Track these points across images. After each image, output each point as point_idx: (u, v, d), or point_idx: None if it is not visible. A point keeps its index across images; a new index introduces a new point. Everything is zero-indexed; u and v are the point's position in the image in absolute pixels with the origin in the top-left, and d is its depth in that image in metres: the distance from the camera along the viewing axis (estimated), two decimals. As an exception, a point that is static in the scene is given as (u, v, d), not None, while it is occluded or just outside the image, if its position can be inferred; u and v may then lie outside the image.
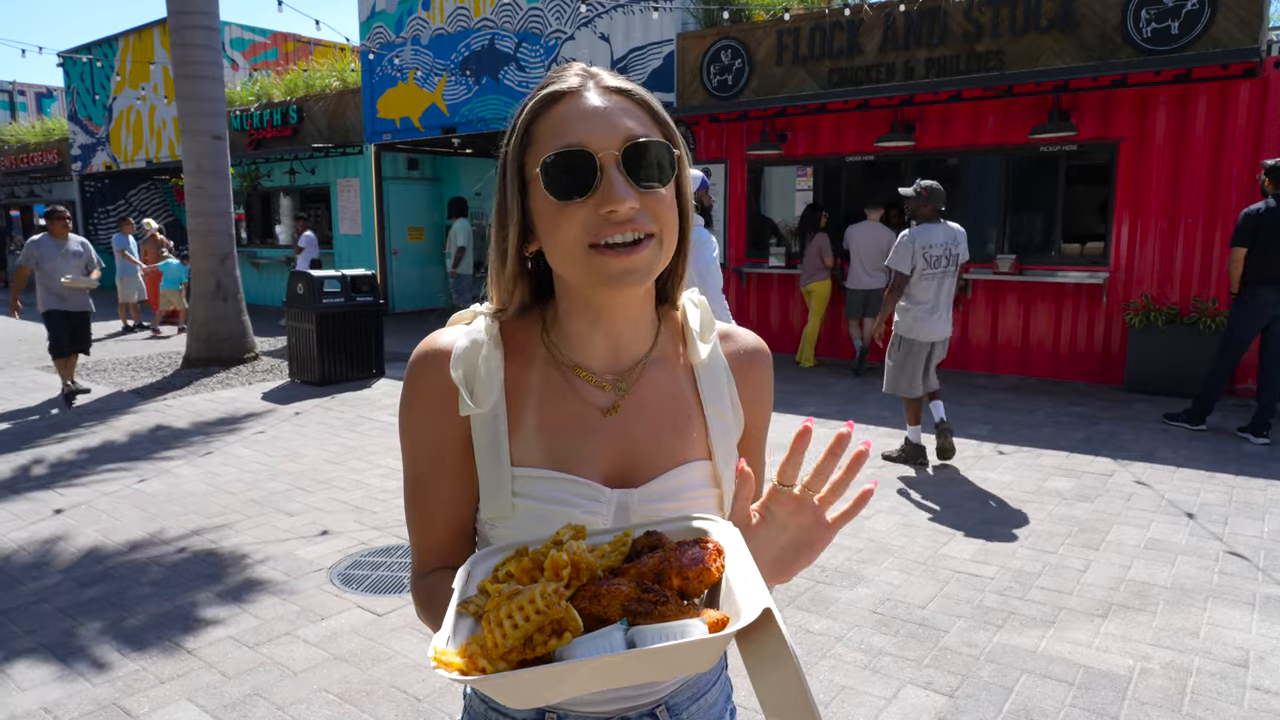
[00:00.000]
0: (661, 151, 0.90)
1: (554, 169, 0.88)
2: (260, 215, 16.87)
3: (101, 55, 18.38)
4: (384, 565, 4.08)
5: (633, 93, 0.93)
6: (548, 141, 0.90)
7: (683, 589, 0.75)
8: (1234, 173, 7.42)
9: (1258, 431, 6.04)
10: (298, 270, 8.82)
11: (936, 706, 2.84)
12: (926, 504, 4.89)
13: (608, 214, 0.87)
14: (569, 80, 0.93)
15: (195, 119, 9.54)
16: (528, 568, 0.75)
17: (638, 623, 0.70)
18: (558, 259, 0.92)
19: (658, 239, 0.91)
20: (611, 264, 0.88)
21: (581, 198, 0.88)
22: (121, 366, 9.77)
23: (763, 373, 1.10)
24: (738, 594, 0.73)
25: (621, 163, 0.88)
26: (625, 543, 0.81)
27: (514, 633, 0.66)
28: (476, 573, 0.81)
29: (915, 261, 5.39)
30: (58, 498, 5.13)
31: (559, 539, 0.77)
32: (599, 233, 0.88)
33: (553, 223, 0.90)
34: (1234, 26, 6.95)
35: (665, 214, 0.91)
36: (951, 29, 8.20)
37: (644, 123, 0.92)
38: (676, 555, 0.77)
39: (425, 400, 0.99)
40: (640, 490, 0.96)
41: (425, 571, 1.02)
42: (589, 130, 0.88)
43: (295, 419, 7.17)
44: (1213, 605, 3.57)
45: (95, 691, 2.97)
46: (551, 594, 0.68)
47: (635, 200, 0.88)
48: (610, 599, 0.72)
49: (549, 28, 11.20)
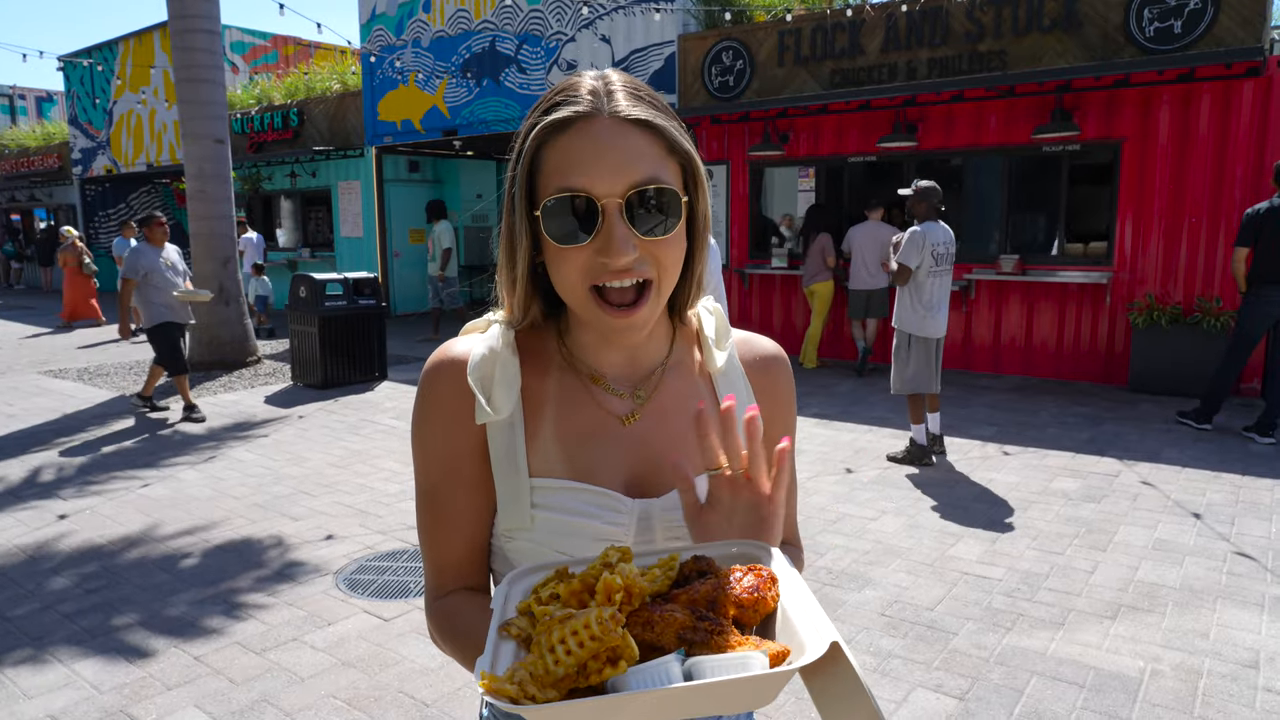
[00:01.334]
0: (668, 197, 0.87)
1: (555, 211, 0.86)
2: (262, 218, 16.86)
3: (102, 59, 18.38)
4: (390, 570, 4.07)
5: (650, 123, 0.87)
6: (553, 176, 0.87)
7: (738, 618, 0.73)
8: (1237, 172, 7.41)
9: (1264, 431, 6.02)
10: (300, 273, 8.80)
11: (947, 709, 2.83)
12: (932, 505, 4.88)
13: (605, 262, 0.86)
14: (580, 103, 0.87)
15: (196, 122, 9.54)
16: (577, 590, 0.72)
17: (694, 652, 0.68)
18: (561, 290, 0.92)
19: (656, 287, 0.89)
20: (608, 320, 0.88)
21: (581, 243, 0.86)
22: (124, 370, 9.76)
23: (782, 379, 1.08)
24: (798, 625, 0.70)
25: (624, 210, 0.85)
26: (673, 566, 0.78)
27: (567, 659, 0.64)
28: (514, 593, 0.78)
29: (924, 258, 5.44)
30: (61, 503, 5.12)
31: (608, 560, 0.74)
32: (598, 276, 0.87)
33: (554, 259, 0.89)
34: (1237, 25, 6.94)
35: (667, 258, 0.89)
36: (954, 29, 8.19)
37: (656, 160, 0.87)
38: (730, 583, 0.74)
39: (440, 410, 0.96)
40: (661, 500, 0.94)
41: (443, 593, 0.99)
42: (595, 173, 0.85)
43: (298, 423, 7.16)
44: (1222, 606, 3.56)
45: (102, 699, 2.96)
46: (608, 619, 0.65)
47: (635, 251, 0.86)
48: (664, 626, 0.69)
49: (550, 30, 11.20)
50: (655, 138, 0.88)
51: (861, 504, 4.92)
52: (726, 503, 0.87)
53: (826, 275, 8.89)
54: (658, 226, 0.87)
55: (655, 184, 0.86)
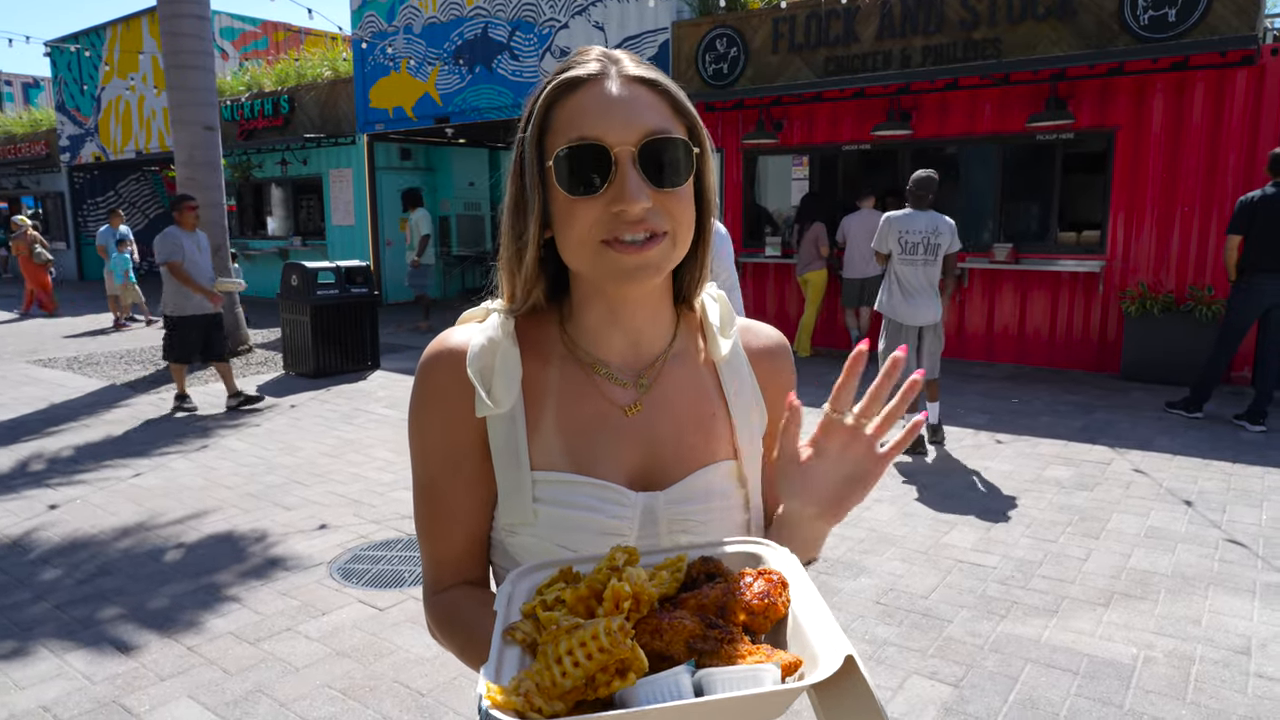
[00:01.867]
0: (680, 149, 0.87)
1: (568, 162, 0.85)
2: (252, 206, 16.75)
3: (89, 44, 18.19)
4: (384, 559, 4.06)
5: (657, 83, 0.89)
6: (564, 131, 0.86)
7: (748, 624, 0.71)
8: (1231, 161, 7.41)
9: (1254, 419, 6.05)
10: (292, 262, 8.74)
11: (942, 697, 2.84)
12: (926, 493, 4.89)
13: (619, 213, 0.84)
14: (589, 65, 0.88)
15: (186, 109, 9.45)
16: (583, 595, 0.70)
17: (703, 662, 0.66)
18: (569, 251, 0.89)
19: (671, 236, 0.87)
20: (623, 259, 0.86)
21: (594, 193, 0.85)
22: (114, 360, 9.70)
23: (785, 367, 1.07)
24: (810, 635, 0.68)
25: (637, 159, 0.84)
26: (680, 568, 0.76)
27: (575, 671, 0.62)
28: (517, 592, 0.76)
29: (891, 244, 5.58)
30: (52, 493, 5.09)
31: (614, 564, 0.73)
32: (611, 230, 0.85)
33: (565, 215, 0.87)
34: (1231, 14, 6.93)
35: (680, 212, 0.88)
36: (948, 17, 8.16)
37: (666, 116, 0.88)
38: (740, 588, 0.72)
39: (438, 402, 0.94)
40: (666, 493, 0.93)
41: (441, 587, 0.98)
42: (607, 123, 0.85)
43: (291, 412, 7.13)
44: (1214, 593, 3.57)
45: (95, 689, 2.95)
46: (617, 631, 0.63)
47: (648, 200, 0.84)
48: (673, 635, 0.67)
49: (543, 16, 11.12)
50: (663, 97, 0.89)
51: (855, 492, 4.92)
52: (832, 453, 0.87)
53: (820, 264, 8.88)
54: (671, 178, 0.86)
55: (667, 134, 0.86)
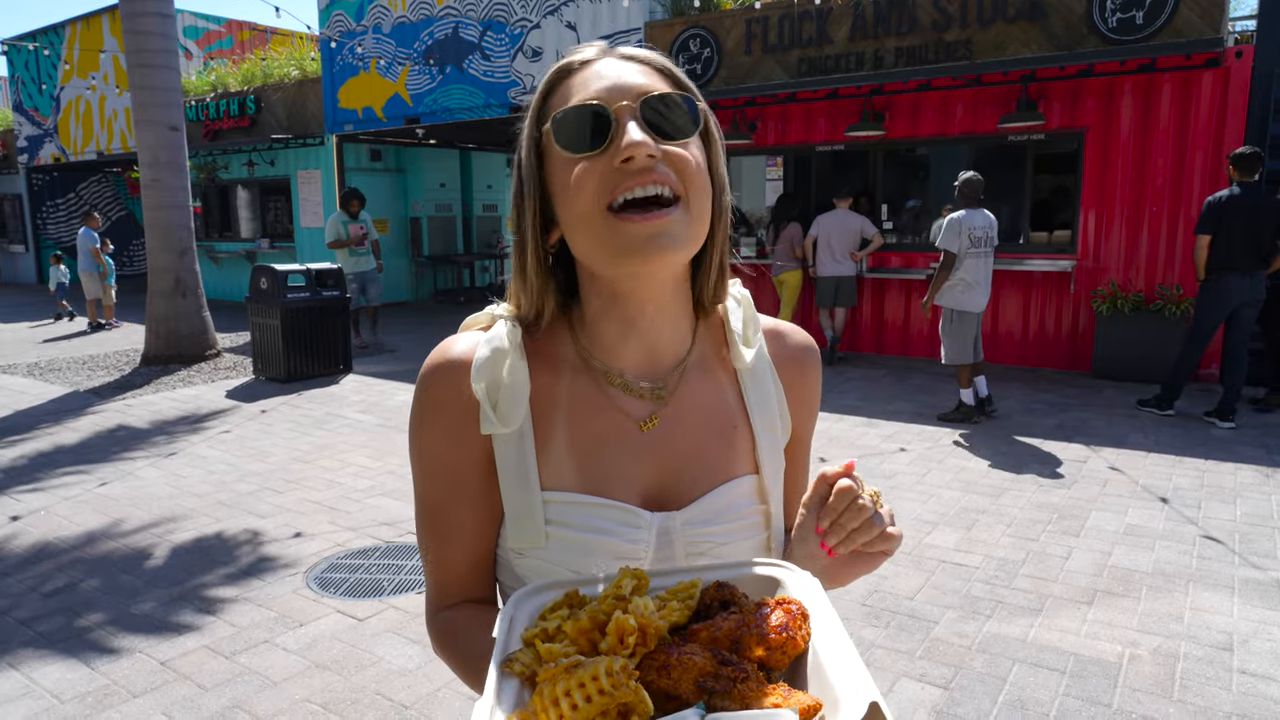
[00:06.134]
0: (683, 104, 0.83)
1: (566, 121, 0.81)
2: (218, 209, 16.45)
3: (48, 43, 17.77)
4: (362, 568, 3.97)
5: (651, 59, 0.87)
6: (561, 103, 0.84)
7: (764, 661, 0.66)
8: (1197, 161, 7.53)
9: (1224, 416, 6.14)
10: (261, 265, 8.59)
11: (932, 699, 2.83)
12: (907, 494, 4.90)
13: (624, 163, 0.79)
14: (586, 52, 0.88)
15: (150, 109, 9.24)
16: (585, 628, 0.66)
17: (714, 703, 0.62)
18: (576, 231, 0.83)
19: (685, 203, 0.81)
20: (635, 229, 0.79)
21: (596, 149, 0.80)
22: (77, 365, 9.47)
23: (813, 375, 1.02)
24: (831, 676, 0.63)
25: (639, 113, 0.80)
26: (692, 595, 0.71)
27: (572, 714, 0.58)
28: (519, 617, 0.71)
29: (963, 241, 6.12)
30: (14, 503, 4.93)
31: (620, 592, 0.68)
32: (616, 186, 0.79)
33: (567, 186, 0.82)
34: (1196, 17, 7.04)
35: (692, 174, 0.82)
36: (920, 18, 8.21)
37: (663, 83, 0.85)
38: (756, 620, 0.67)
39: (441, 417, 0.89)
40: (683, 513, 0.88)
41: (444, 605, 0.93)
42: (605, 89, 0.82)
43: (261, 417, 6.99)
44: (1194, 590, 3.61)
45: (64, 709, 2.84)
46: (619, 671, 0.59)
47: (653, 146, 0.79)
48: (682, 672, 0.62)
49: (515, 16, 11.04)
50: (662, 73, 0.87)
51: (837, 493, 4.92)
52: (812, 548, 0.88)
53: (795, 264, 8.90)
54: (674, 131, 0.82)
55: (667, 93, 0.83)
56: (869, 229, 8.55)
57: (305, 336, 8.43)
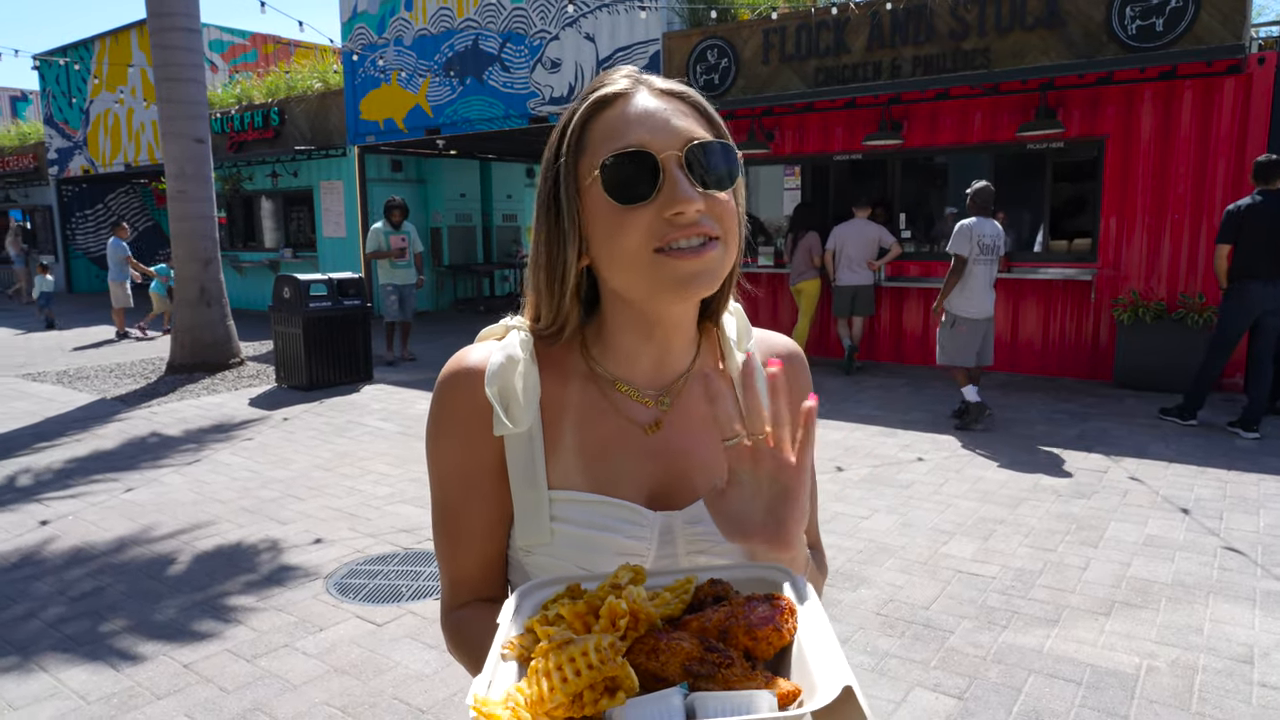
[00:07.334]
0: (722, 154, 0.87)
1: (614, 171, 0.84)
2: (243, 219, 16.70)
3: (78, 58, 18.13)
4: (381, 574, 4.02)
5: (686, 95, 0.90)
6: (603, 145, 0.85)
7: (750, 650, 0.69)
8: (1219, 168, 7.47)
9: (1248, 426, 6.08)
10: (284, 274, 8.71)
11: (946, 709, 2.83)
12: (924, 503, 4.89)
13: (673, 216, 0.83)
14: (619, 83, 0.89)
15: (176, 122, 9.41)
16: (581, 612, 0.69)
17: (699, 685, 0.65)
18: (617, 268, 0.87)
19: (723, 243, 0.86)
20: (681, 266, 0.83)
21: (644, 201, 0.83)
22: (104, 373, 9.63)
23: (800, 377, 1.06)
24: (812, 664, 0.66)
25: (684, 163, 0.84)
26: (688, 590, 0.75)
27: (562, 688, 0.61)
28: (524, 607, 0.75)
29: (973, 248, 6.29)
30: (43, 509, 5.03)
31: (617, 582, 0.71)
32: (665, 237, 0.83)
33: (612, 229, 0.85)
34: (1217, 23, 7.00)
35: (729, 218, 0.87)
36: (938, 27, 8.21)
37: (701, 125, 0.88)
38: (745, 612, 0.70)
39: (456, 422, 0.93)
40: (684, 513, 0.92)
41: (457, 604, 0.97)
42: (648, 131, 0.84)
43: (284, 425, 7.08)
44: (1214, 601, 3.58)
45: (90, 709, 2.90)
46: (607, 648, 0.62)
47: (701, 202, 0.83)
48: (670, 656, 0.66)
49: (534, 28, 11.14)
50: (695, 108, 0.90)
51: (853, 502, 4.92)
52: (748, 478, 0.80)
53: (813, 274, 8.89)
54: (716, 181, 0.86)
55: (707, 139, 0.86)
56: (887, 238, 8.54)
57: (327, 345, 8.53)
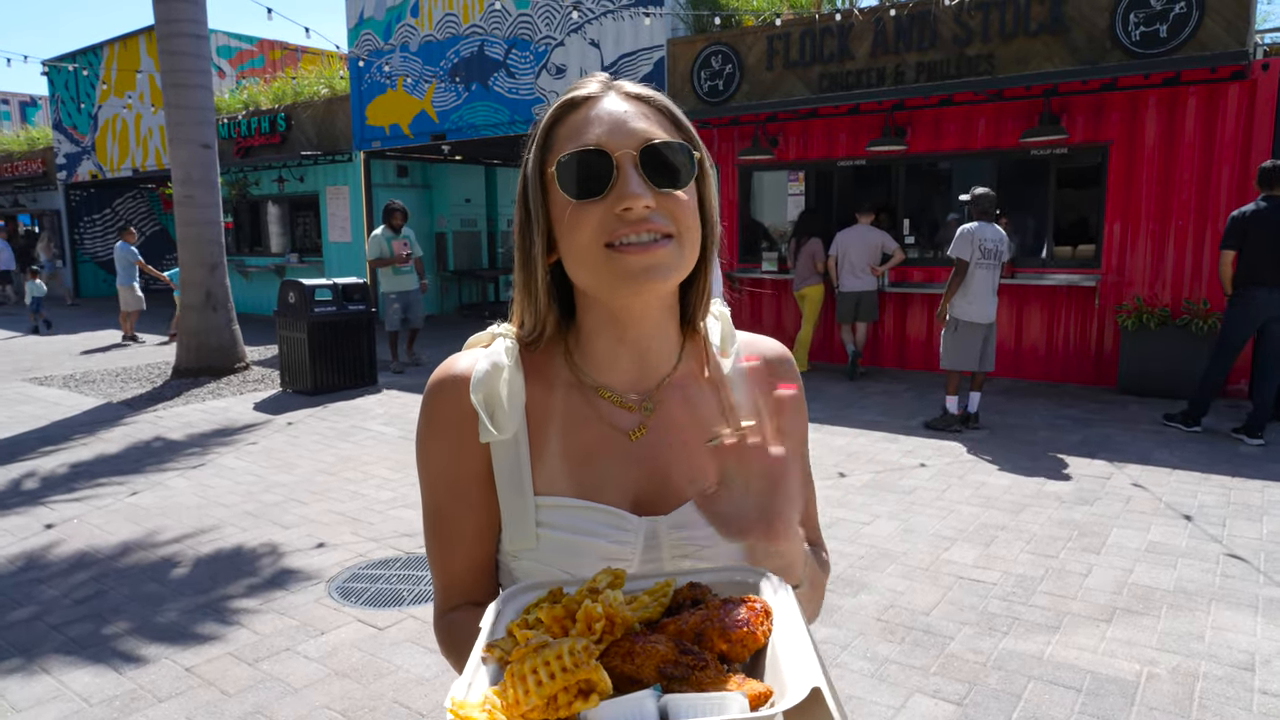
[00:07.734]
0: (680, 153, 0.88)
1: (569, 167, 0.87)
2: (249, 224, 16.77)
3: (87, 63, 18.24)
4: (383, 578, 4.04)
5: (652, 99, 0.92)
6: (566, 144, 0.88)
7: (725, 653, 0.70)
8: (1224, 175, 7.46)
9: (1252, 433, 6.06)
10: (289, 279, 8.75)
11: (946, 715, 2.83)
12: (926, 509, 4.89)
13: (623, 212, 0.85)
14: (589, 87, 0.92)
15: (184, 128, 9.47)
16: (559, 616, 0.71)
17: (672, 688, 0.65)
18: (574, 262, 0.89)
19: (676, 240, 0.88)
20: (630, 262, 0.85)
21: (596, 197, 0.86)
22: (110, 377, 9.68)
23: (785, 375, 1.06)
24: (784, 665, 0.67)
25: (639, 162, 0.86)
26: (666, 593, 0.76)
27: (536, 690, 0.62)
28: (506, 611, 0.76)
29: (974, 252, 6.30)
30: (49, 512, 5.06)
31: (595, 586, 0.73)
32: (614, 232, 0.85)
33: (570, 224, 0.87)
34: (1221, 29, 6.99)
35: (684, 216, 0.88)
36: (941, 33, 8.23)
37: (664, 128, 0.90)
38: (720, 615, 0.71)
39: (443, 428, 0.95)
40: (669, 518, 0.92)
41: (448, 608, 0.99)
42: (607, 131, 0.87)
43: (288, 429, 7.11)
44: (1216, 608, 3.57)
45: (93, 712, 2.92)
46: (581, 651, 0.63)
47: (651, 199, 0.85)
48: (645, 659, 0.67)
49: (539, 34, 11.19)
50: (661, 112, 0.92)
51: (855, 508, 4.92)
52: (737, 476, 0.80)
53: (817, 279, 8.90)
54: (672, 181, 0.87)
55: (666, 140, 0.88)
56: (889, 244, 8.54)
57: (331, 350, 8.56)
